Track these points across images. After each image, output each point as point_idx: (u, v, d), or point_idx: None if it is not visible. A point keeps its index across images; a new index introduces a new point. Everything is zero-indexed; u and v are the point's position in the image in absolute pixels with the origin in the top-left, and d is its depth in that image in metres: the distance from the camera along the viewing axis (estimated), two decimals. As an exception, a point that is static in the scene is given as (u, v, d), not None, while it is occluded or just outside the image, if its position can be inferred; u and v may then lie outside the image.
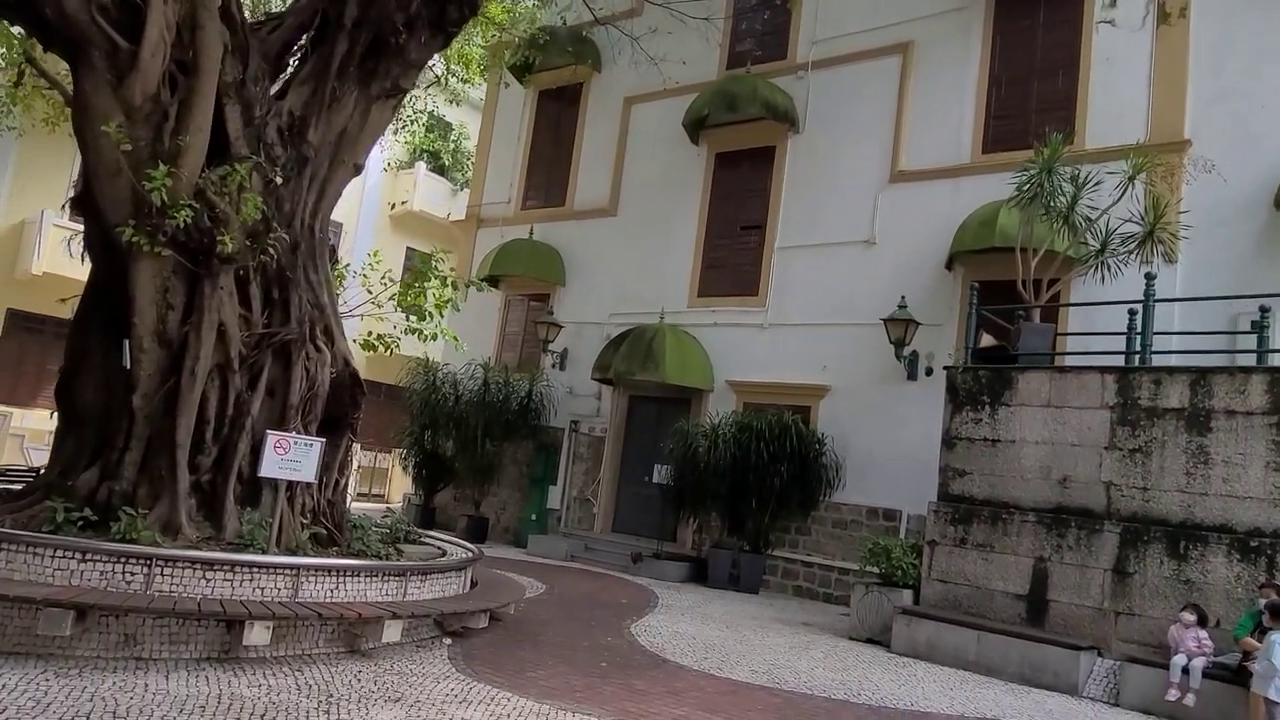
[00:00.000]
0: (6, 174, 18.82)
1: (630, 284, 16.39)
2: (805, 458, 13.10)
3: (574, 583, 12.15)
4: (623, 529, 15.57)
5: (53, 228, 18.40)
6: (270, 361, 7.74)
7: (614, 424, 15.99)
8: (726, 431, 13.37)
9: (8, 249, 18.88)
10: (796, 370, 14.12)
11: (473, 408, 16.06)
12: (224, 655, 6.07)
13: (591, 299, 16.91)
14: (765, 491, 12.95)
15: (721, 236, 15.55)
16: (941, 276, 13.11)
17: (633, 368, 14.57)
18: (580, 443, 16.50)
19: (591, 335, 16.43)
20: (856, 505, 13.25)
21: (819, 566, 13.40)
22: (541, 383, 16.62)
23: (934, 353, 12.90)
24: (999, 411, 9.49)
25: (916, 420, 12.76)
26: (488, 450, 15.96)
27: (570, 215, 17.67)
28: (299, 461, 7.00)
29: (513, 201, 18.75)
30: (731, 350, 14.88)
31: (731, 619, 10.45)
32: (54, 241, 18.39)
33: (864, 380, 13.49)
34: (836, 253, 14.18)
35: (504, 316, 18.36)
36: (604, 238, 17.02)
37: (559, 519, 16.37)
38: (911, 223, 13.52)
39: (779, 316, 14.57)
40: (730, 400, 14.64)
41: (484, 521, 16.52)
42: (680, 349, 14.76)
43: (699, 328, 15.31)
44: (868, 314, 13.47)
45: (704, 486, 13.24)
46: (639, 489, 15.36)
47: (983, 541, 9.22)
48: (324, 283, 8.37)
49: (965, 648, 8.68)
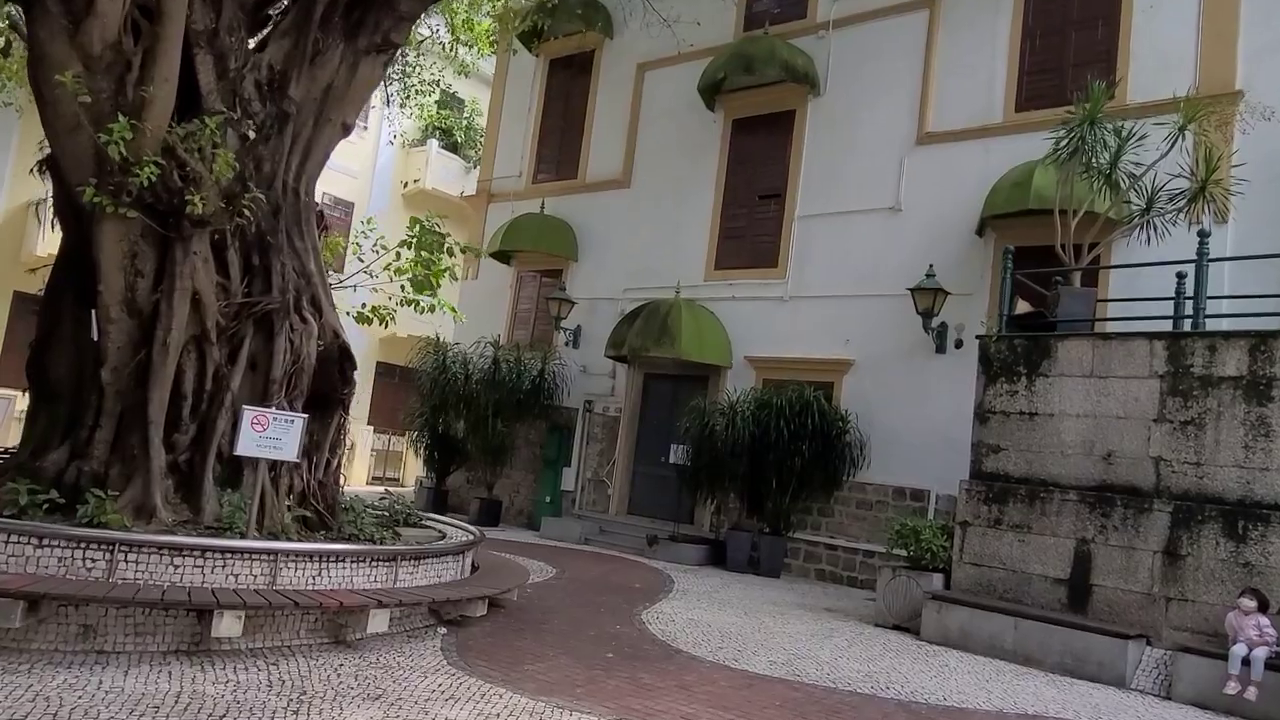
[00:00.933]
0: (9, 155, 18.48)
1: (645, 258, 15.78)
2: (828, 436, 12.49)
3: (586, 566, 11.64)
4: (638, 511, 15.05)
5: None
6: (251, 333, 7.24)
7: (629, 403, 15.44)
8: (745, 409, 12.79)
9: (13, 232, 18.58)
10: (818, 345, 13.49)
11: (483, 387, 15.56)
12: (194, 648, 5.58)
13: (605, 274, 16.33)
14: (786, 471, 12.37)
15: (739, 206, 14.90)
16: (972, 243, 12.40)
17: (647, 344, 13.99)
18: (594, 423, 15.97)
19: (605, 312, 15.86)
20: (882, 485, 12.63)
21: (843, 549, 12.81)
22: (554, 361, 16.09)
23: (964, 324, 12.21)
24: (1037, 383, 8.83)
25: (945, 395, 12.11)
26: (499, 431, 15.47)
27: (582, 188, 17.07)
28: (279, 439, 6.49)
29: (523, 175, 18.17)
30: (750, 325, 14.26)
31: (750, 605, 9.90)
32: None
33: (890, 354, 12.83)
34: (860, 220, 13.49)
35: (515, 294, 17.82)
36: (617, 210, 16.42)
37: (573, 501, 15.87)
38: (939, 187, 12.81)
39: (800, 289, 13.92)
40: (749, 377, 14.03)
41: (497, 504, 16.06)
42: (697, 324, 14.16)
43: (716, 302, 14.69)
44: (893, 284, 12.80)
45: (722, 466, 12.68)
46: (655, 470, 14.82)
47: (1019, 522, 8.59)
48: (311, 250, 7.85)
49: (1001, 635, 8.07)
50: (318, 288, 7.83)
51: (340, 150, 24.63)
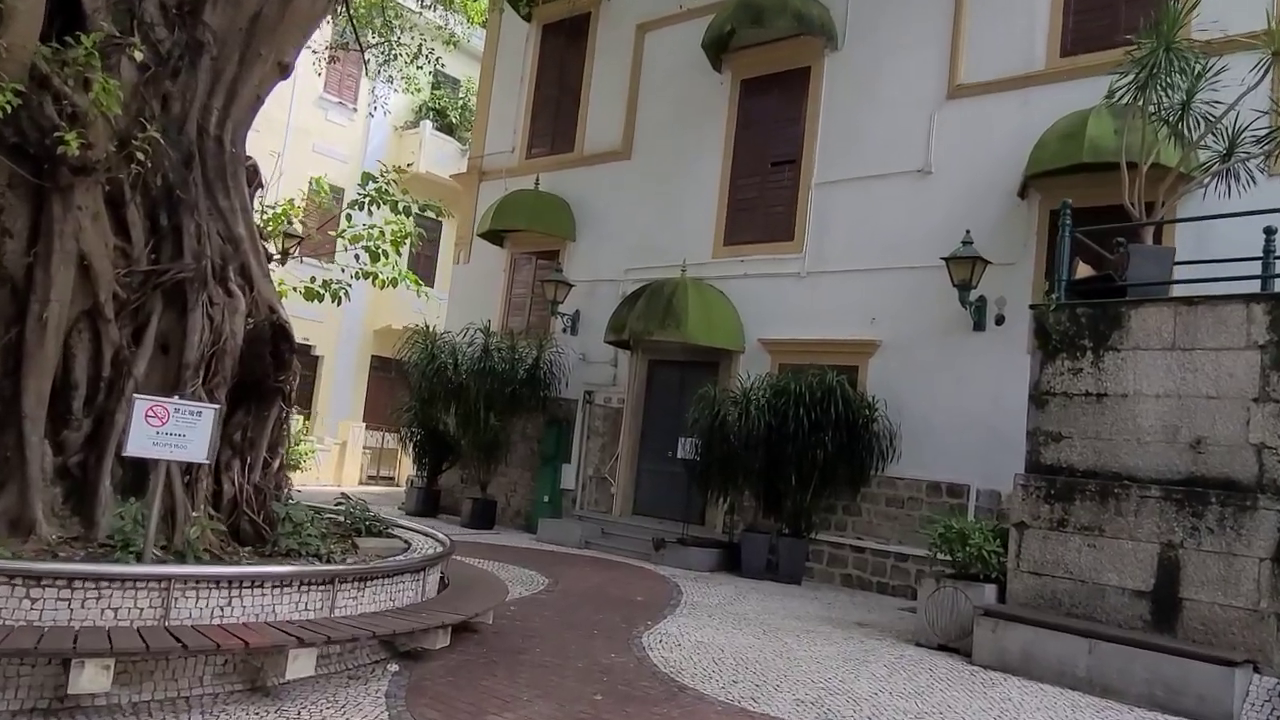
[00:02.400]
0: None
1: (647, 235, 14.47)
2: (853, 425, 11.16)
3: (583, 575, 10.36)
4: (644, 511, 13.75)
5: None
6: (160, 308, 5.99)
7: (632, 393, 14.14)
8: (760, 397, 11.47)
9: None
10: (841, 324, 12.14)
11: (473, 378, 14.29)
12: (57, 705, 4.34)
13: (605, 254, 15.02)
14: (807, 465, 11.05)
15: (750, 175, 13.55)
16: (1012, 207, 11.02)
17: (650, 327, 12.69)
18: (595, 415, 14.68)
19: (606, 295, 14.55)
20: (914, 480, 11.28)
21: (871, 552, 11.47)
22: (551, 349, 14.80)
23: (1005, 297, 10.86)
24: (1105, 358, 7.46)
25: (985, 378, 10.77)
26: (491, 426, 14.20)
27: (580, 161, 15.75)
28: (183, 436, 5.22)
29: (516, 150, 16.86)
30: (764, 304, 12.93)
31: (769, 620, 8.59)
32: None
33: (921, 333, 11.48)
34: (885, 186, 12.13)
35: (509, 278, 16.53)
36: (617, 184, 15.10)
37: (574, 501, 14.59)
38: (974, 145, 11.43)
39: (819, 263, 12.57)
40: (763, 361, 12.70)
41: (491, 505, 14.81)
42: (705, 304, 12.84)
43: (726, 280, 13.36)
44: (924, 255, 11.44)
45: (735, 461, 11.37)
46: (662, 466, 13.52)
47: (1088, 523, 7.24)
48: (239, 211, 6.58)
49: (1072, 660, 6.74)
50: (248, 255, 6.56)
51: (327, 133, 23.23)
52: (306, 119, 22.69)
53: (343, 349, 23.41)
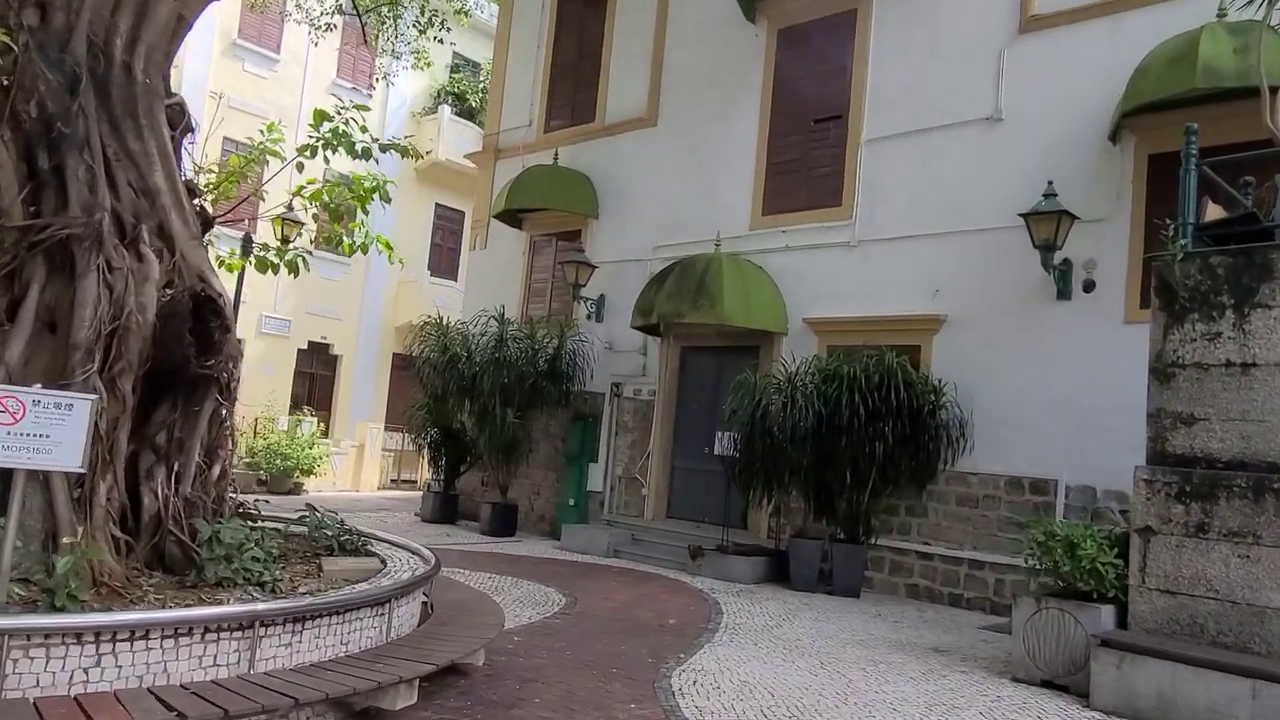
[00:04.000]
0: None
1: (677, 208, 13.04)
2: (916, 413, 9.64)
3: (608, 591, 8.98)
4: (679, 514, 12.33)
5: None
6: (44, 274, 4.71)
7: (664, 384, 12.73)
8: (807, 383, 10.00)
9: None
10: (898, 299, 10.61)
11: (486, 370, 12.98)
12: None
13: (631, 231, 13.63)
14: (863, 460, 9.56)
15: (790, 135, 12.05)
16: (1101, 153, 9.42)
17: (680, 308, 11.27)
18: (624, 409, 13.29)
19: (633, 276, 13.15)
20: (990, 475, 9.72)
21: (940, 559, 9.93)
22: (574, 337, 13.45)
23: (1094, 259, 9.26)
24: (1252, 318, 5.89)
25: (1074, 353, 9.21)
26: (509, 423, 12.86)
27: (602, 132, 14.37)
28: (45, 436, 3.94)
29: (534, 124, 15.52)
30: (810, 279, 11.43)
31: (828, 647, 7.13)
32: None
33: (994, 305, 9.91)
34: (948, 138, 10.56)
35: (528, 263, 15.20)
36: (643, 154, 13.69)
37: (602, 504, 13.22)
38: (1053, 84, 9.84)
39: (871, 230, 11.04)
40: (810, 344, 11.21)
41: (512, 510, 13.50)
42: (742, 282, 11.38)
43: (766, 254, 11.89)
44: (995, 215, 9.90)
45: (780, 457, 9.90)
46: (698, 464, 12.10)
47: (1239, 528, 5.68)
48: (156, 156, 5.29)
49: (1228, 707, 5.19)
50: (168, 212, 5.27)
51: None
52: (320, 105, 21.56)
53: (363, 347, 22.31)
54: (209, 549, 4.91)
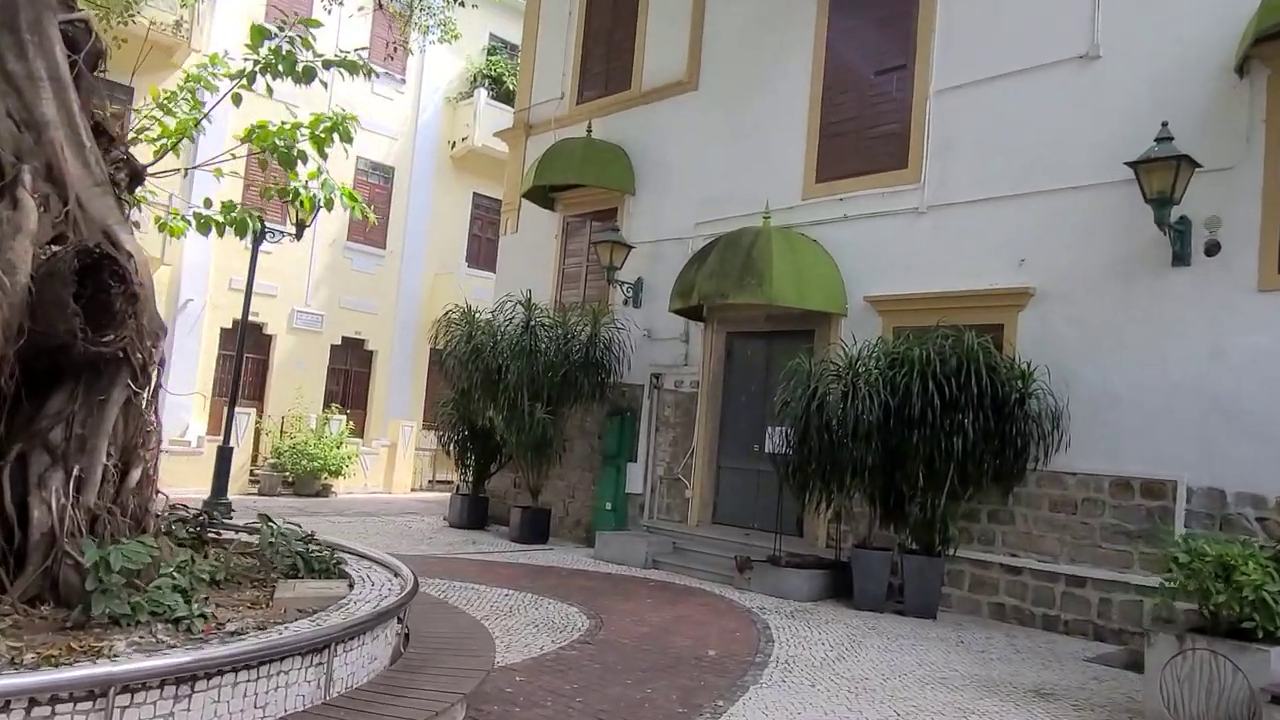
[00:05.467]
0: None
1: (720, 179, 11.75)
2: (1000, 402, 8.23)
3: (640, 612, 7.74)
4: (726, 520, 11.05)
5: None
6: (-126, 224, 3.66)
7: (708, 374, 11.44)
8: (871, 369, 8.65)
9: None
10: (976, 271, 9.17)
11: (512, 360, 11.84)
12: None
13: (669, 207, 12.38)
14: (939, 458, 8.18)
15: (847, 91, 10.66)
16: (1225, 89, 7.87)
17: (724, 288, 9.98)
18: (664, 402, 12.05)
19: (672, 256, 11.90)
20: (1092, 474, 8.24)
21: (1032, 573, 8.48)
22: (609, 324, 12.25)
23: (1219, 216, 7.73)
24: None
25: (1195, 329, 7.72)
26: (538, 419, 11.71)
27: (638, 99, 13.13)
28: None
29: (566, 96, 14.36)
30: (871, 252, 10.05)
31: (903, 688, 5.79)
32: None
33: (1093, 274, 8.43)
34: (1033, 82, 9.09)
35: (561, 246, 14.04)
36: (682, 121, 12.43)
37: (641, 508, 11.99)
38: (1162, 11, 8.32)
39: (943, 193, 9.62)
40: (872, 325, 9.83)
41: (544, 515, 12.35)
42: (794, 257, 10.05)
43: (821, 226, 10.53)
44: (1093, 169, 8.42)
45: (840, 454, 8.55)
46: (746, 463, 10.80)
47: None
48: (44, 80, 4.21)
49: None
50: (58, 150, 4.18)
51: (374, 108, 21.14)
52: (351, 93, 20.75)
53: (398, 343, 21.44)
54: (95, 576, 3.80)
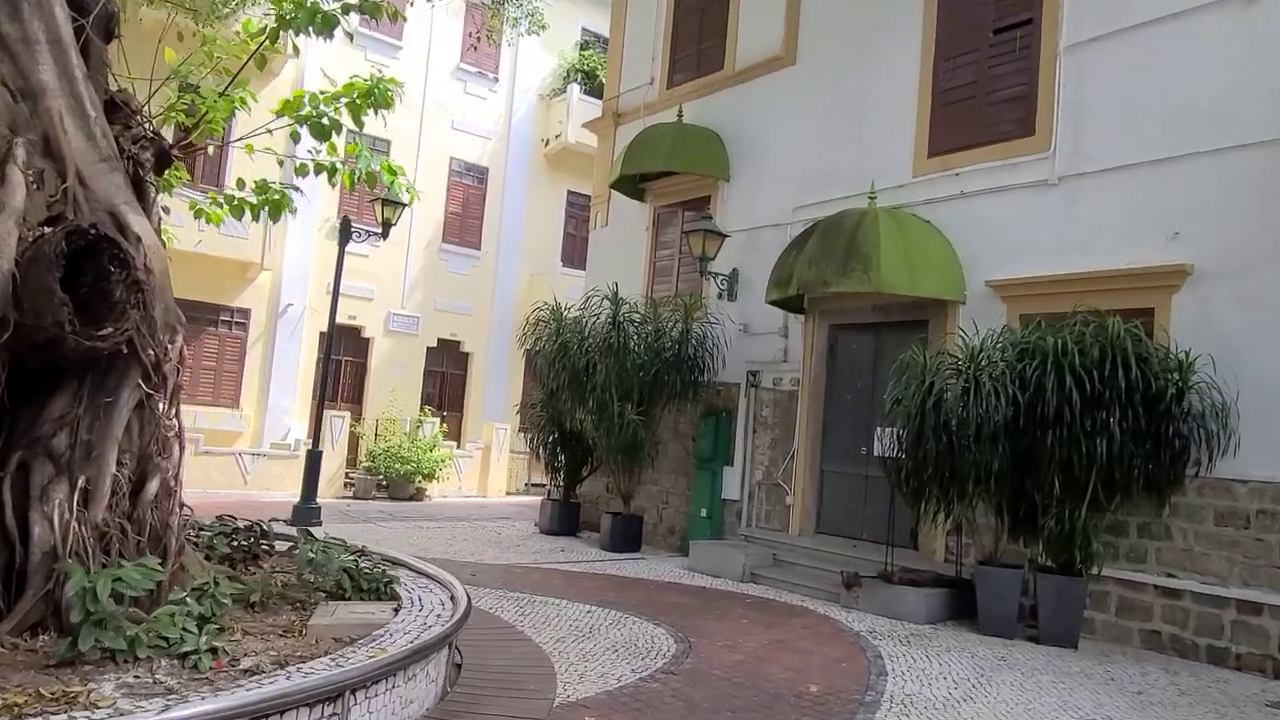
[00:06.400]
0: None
1: (821, 159, 10.83)
2: (1153, 399, 7.08)
3: (734, 635, 6.95)
4: (831, 529, 10.11)
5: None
6: None
7: (809, 370, 10.54)
8: (997, 362, 7.61)
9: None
10: (1118, 247, 8.01)
11: (601, 360, 11.21)
12: None
13: (766, 192, 11.53)
14: (1079, 463, 7.11)
15: (962, 54, 9.60)
16: None
17: (826, 275, 9.09)
18: (762, 402, 11.20)
19: (770, 245, 11.05)
20: (1270, 482, 6.99)
21: (1193, 597, 7.27)
22: (702, 319, 11.49)
23: None
24: None
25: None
26: (628, 420, 11.04)
27: (732, 79, 12.33)
28: None
29: (656, 81, 13.68)
30: (994, 232, 8.97)
31: (1046, 743, 4.84)
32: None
33: (1266, 248, 7.17)
34: (1184, 28, 7.86)
35: (652, 238, 13.36)
36: (779, 100, 11.56)
37: (738, 515, 11.17)
38: (1349, -67, 7.02)
39: (1076, 162, 8.47)
40: (995, 313, 8.75)
41: (635, 521, 11.68)
42: (904, 239, 9.08)
43: (934, 205, 9.51)
44: (1261, 125, 7.17)
45: (961, 458, 7.54)
46: (853, 467, 9.86)
47: None
48: (42, 44, 3.78)
49: None
50: (58, 121, 3.73)
51: (467, 108, 20.97)
52: (444, 93, 20.73)
53: (494, 344, 21.20)
54: (83, 605, 3.29)
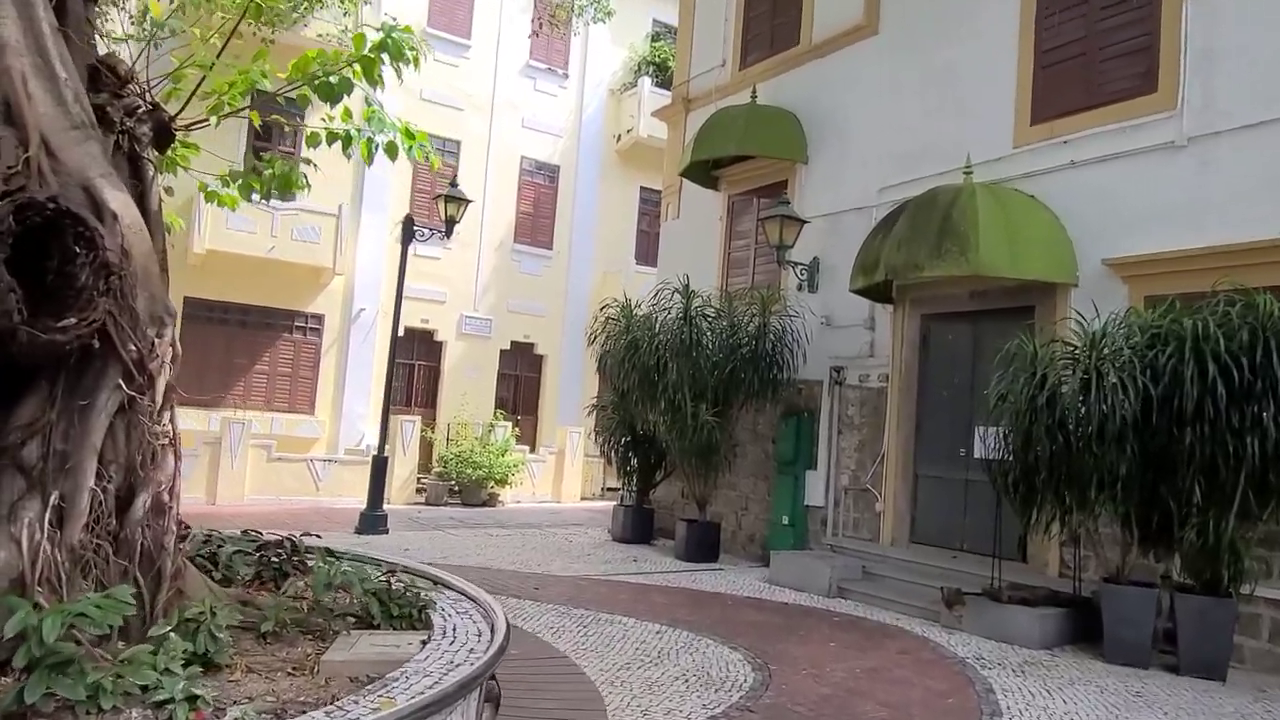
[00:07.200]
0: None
1: (909, 134, 9.92)
2: (1314, 390, 6.01)
3: (821, 659, 6.16)
4: (926, 539, 9.19)
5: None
6: None
7: (899, 365, 9.64)
8: (1122, 349, 6.63)
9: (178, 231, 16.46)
10: (1266, 215, 6.92)
11: (672, 358, 10.50)
12: None
13: (849, 173, 10.66)
14: (1223, 465, 6.09)
15: (1067, 6, 8.57)
16: None
17: (917, 258, 8.20)
18: (848, 400, 10.32)
19: (853, 230, 10.18)
20: None
21: (1369, 622, 6.16)
22: (781, 312, 10.69)
23: None
24: None
25: None
26: (702, 421, 10.32)
27: (809, 54, 11.49)
28: None
29: (728, 63, 12.92)
30: (1111, 203, 7.95)
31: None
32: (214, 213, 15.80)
33: None
34: (1342, -45, 6.76)
35: (727, 229, 12.60)
36: (862, 73, 10.68)
37: (823, 522, 10.32)
38: None
39: (1209, 119, 7.39)
40: (1116, 294, 7.72)
41: (713, 529, 10.94)
42: (1005, 216, 8.12)
43: (1040, 177, 8.53)
44: None
45: (1080, 460, 6.59)
46: (951, 470, 8.93)
47: None
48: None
49: None
50: (20, 82, 3.24)
51: (537, 105, 20.48)
52: (513, 91, 20.34)
53: (568, 345, 20.70)
54: (26, 650, 2.76)
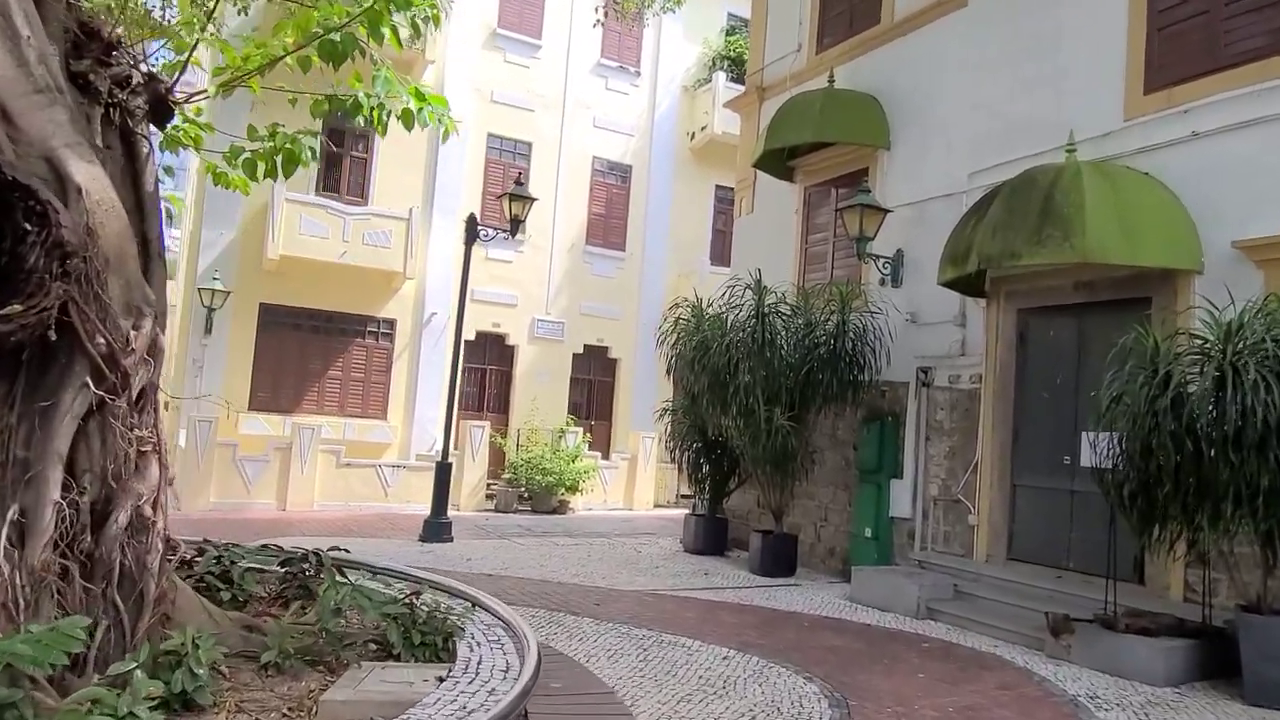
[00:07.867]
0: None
1: (1002, 112, 9.08)
2: None
3: (908, 694, 5.45)
4: (1027, 555, 8.31)
5: (285, 203, 15.79)
6: None
7: (994, 364, 8.79)
8: (1261, 341, 5.73)
9: (253, 237, 16.59)
10: None
11: (745, 359, 9.86)
12: None
13: (935, 157, 9.86)
14: (1392, 479, 5.14)
15: (1186, -39, 7.67)
16: None
17: (1015, 245, 7.39)
18: (936, 403, 9.51)
19: (940, 219, 9.37)
20: None
21: None
22: (862, 309, 9.95)
23: None
24: None
25: None
26: (777, 426, 9.64)
27: (890, 33, 10.72)
28: None
29: (804, 48, 12.22)
30: (1240, 180, 7.00)
31: None
32: (288, 218, 15.87)
33: None
34: None
35: (803, 221, 11.89)
36: (948, 49, 9.87)
37: (910, 535, 9.52)
38: None
39: (1361, 78, 6.42)
40: (1250, 282, 6.76)
41: (789, 541, 10.24)
42: (1115, 197, 7.25)
43: (1154, 152, 7.61)
44: None
45: (1209, 471, 5.72)
46: (1054, 480, 8.05)
47: None
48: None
49: None
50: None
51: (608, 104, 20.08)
52: (584, 91, 20.00)
53: (642, 348, 20.15)
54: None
